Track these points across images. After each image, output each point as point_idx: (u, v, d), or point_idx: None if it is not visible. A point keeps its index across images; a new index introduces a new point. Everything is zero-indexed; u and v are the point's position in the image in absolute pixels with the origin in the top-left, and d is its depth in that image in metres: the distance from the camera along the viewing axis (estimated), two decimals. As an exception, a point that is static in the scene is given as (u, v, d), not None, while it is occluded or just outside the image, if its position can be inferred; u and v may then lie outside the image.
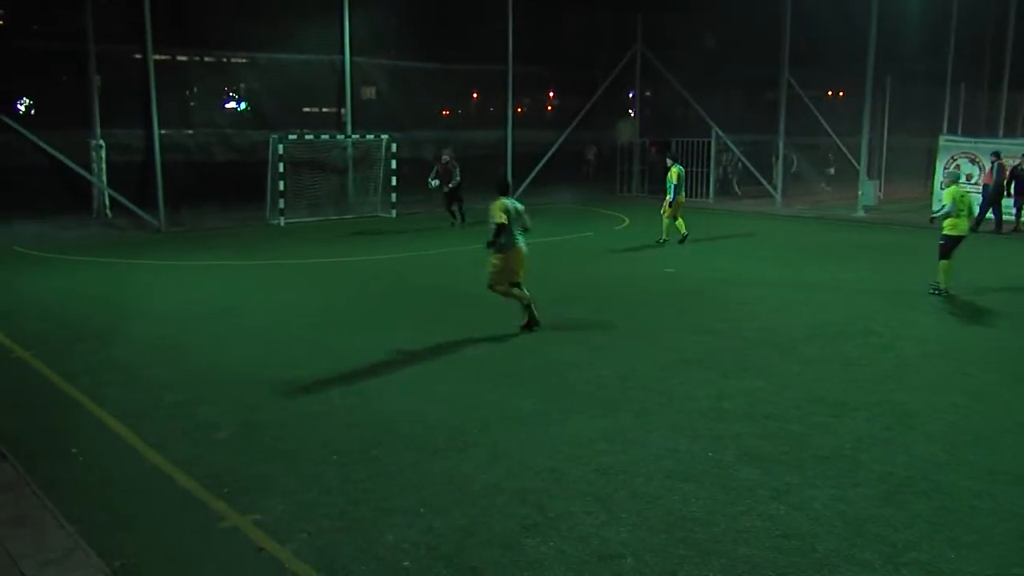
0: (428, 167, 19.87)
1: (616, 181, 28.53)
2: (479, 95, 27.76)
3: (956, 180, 12.28)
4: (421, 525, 4.93)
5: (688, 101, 26.43)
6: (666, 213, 16.50)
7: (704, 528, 4.88)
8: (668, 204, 16.36)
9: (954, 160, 21.30)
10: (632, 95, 29.13)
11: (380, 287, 12.71)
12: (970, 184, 19.47)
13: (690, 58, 26.07)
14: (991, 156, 19.66)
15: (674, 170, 16.32)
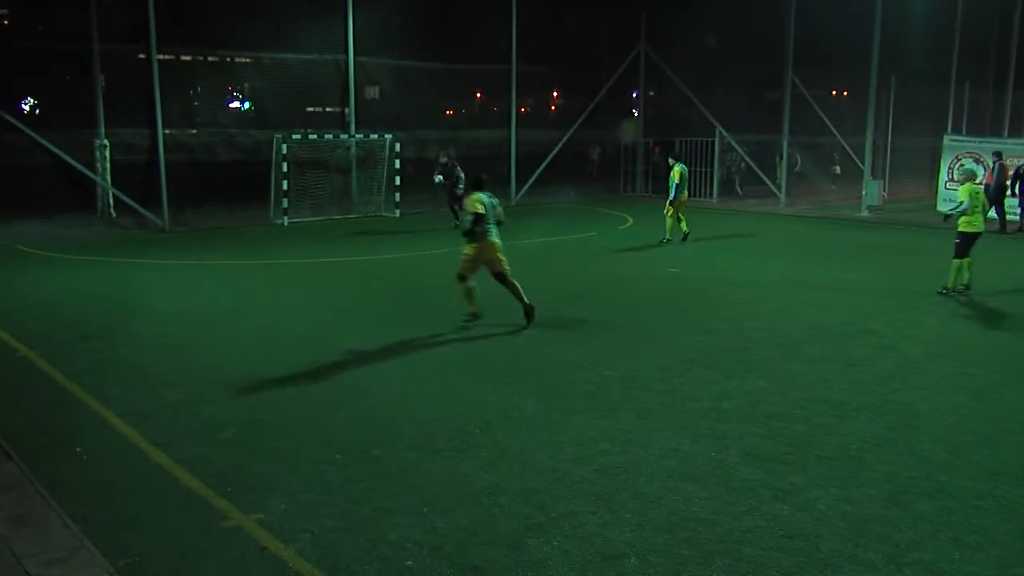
0: (431, 167, 19.91)
1: (620, 181, 28.54)
2: (482, 95, 27.74)
3: (971, 177, 12.23)
4: (424, 525, 4.93)
5: (692, 101, 26.39)
6: (669, 213, 16.52)
7: (707, 528, 4.88)
8: (670, 203, 16.38)
9: (958, 160, 21.27)
10: (636, 95, 29.11)
11: (383, 287, 12.73)
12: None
13: (694, 58, 26.08)
14: (992, 156, 19.63)
15: (676, 169, 16.31)
